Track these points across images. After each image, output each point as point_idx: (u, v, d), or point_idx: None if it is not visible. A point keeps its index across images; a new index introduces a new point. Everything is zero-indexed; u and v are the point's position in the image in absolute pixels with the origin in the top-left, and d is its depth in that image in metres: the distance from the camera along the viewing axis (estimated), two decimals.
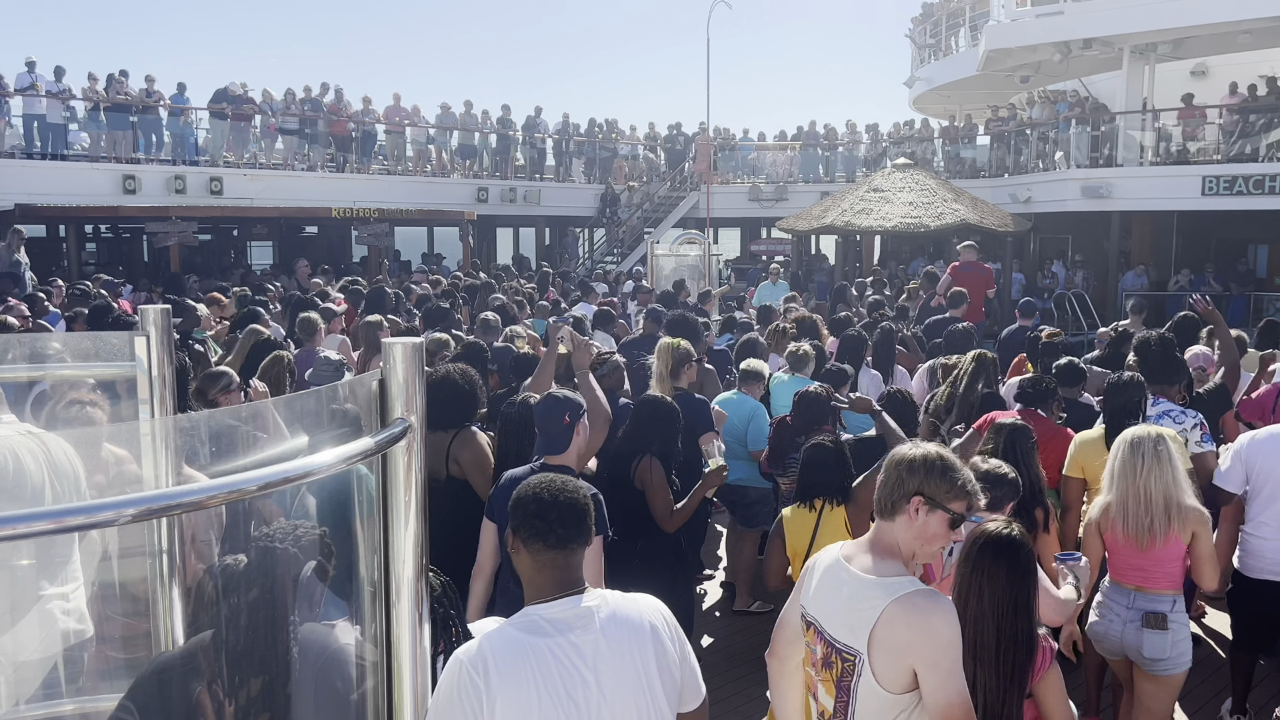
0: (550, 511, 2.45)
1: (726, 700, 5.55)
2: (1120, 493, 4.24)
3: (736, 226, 31.06)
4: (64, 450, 2.25)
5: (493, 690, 2.30)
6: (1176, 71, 22.49)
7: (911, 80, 31.45)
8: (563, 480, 2.56)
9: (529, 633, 2.40)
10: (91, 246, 23.20)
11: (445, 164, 25.08)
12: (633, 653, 2.44)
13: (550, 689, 2.35)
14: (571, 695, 2.36)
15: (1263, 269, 21.50)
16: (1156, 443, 4.23)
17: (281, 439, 1.48)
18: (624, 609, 2.50)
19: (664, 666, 2.48)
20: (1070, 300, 19.89)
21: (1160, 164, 20.50)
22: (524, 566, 2.50)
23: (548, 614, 2.43)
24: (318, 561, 1.67)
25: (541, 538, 2.45)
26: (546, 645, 2.38)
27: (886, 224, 19.23)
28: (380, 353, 1.58)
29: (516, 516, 2.49)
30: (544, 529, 2.45)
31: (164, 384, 2.26)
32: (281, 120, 21.89)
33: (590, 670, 2.39)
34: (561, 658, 2.38)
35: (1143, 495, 4.19)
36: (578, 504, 2.51)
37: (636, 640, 2.46)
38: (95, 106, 19.53)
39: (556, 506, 2.46)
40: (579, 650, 2.39)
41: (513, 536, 2.51)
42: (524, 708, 2.32)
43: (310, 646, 1.71)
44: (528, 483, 2.56)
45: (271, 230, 23.95)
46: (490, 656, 2.34)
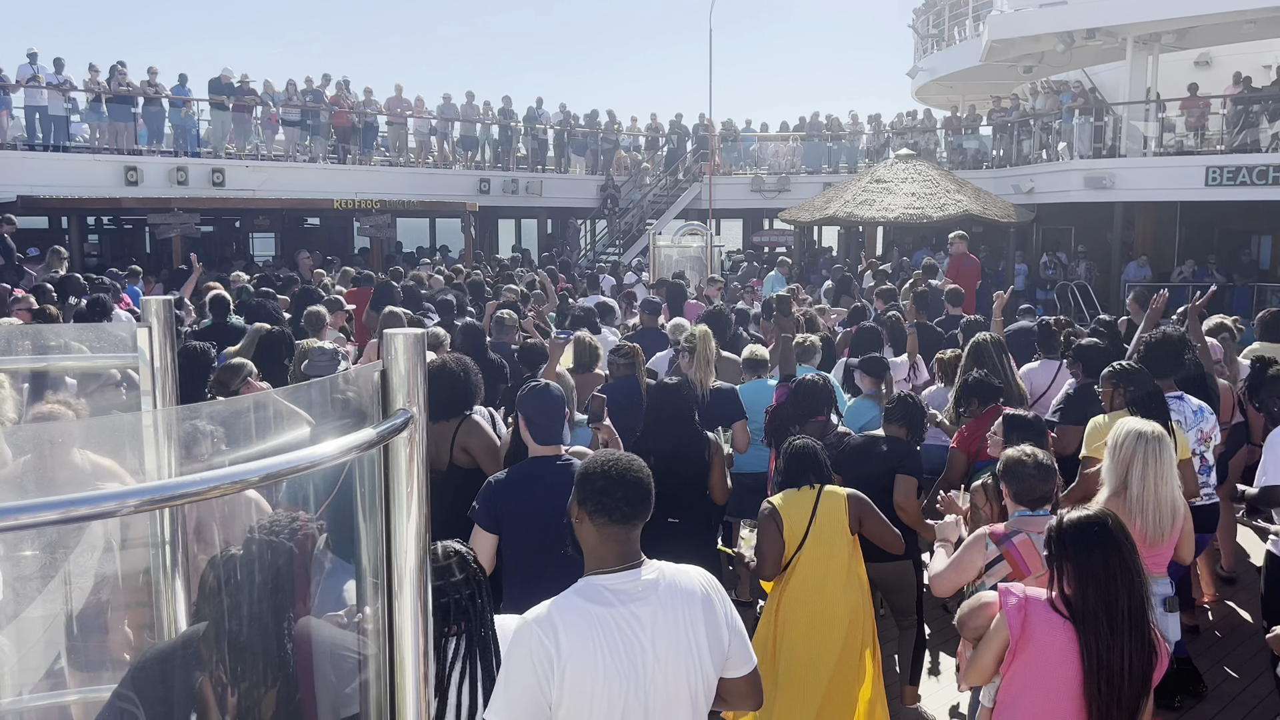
0: (617, 489, 2.57)
1: None
2: (1139, 497, 4.21)
3: (739, 218, 31.04)
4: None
5: (564, 655, 2.44)
6: (1180, 62, 22.43)
7: (914, 71, 31.37)
8: (628, 458, 2.67)
9: (594, 602, 2.54)
10: (94, 238, 23.21)
11: (447, 155, 25.08)
12: (685, 622, 2.58)
13: (614, 656, 2.48)
14: (632, 662, 2.50)
15: (1266, 260, 21.47)
16: (1161, 441, 4.25)
17: (296, 426, 1.48)
18: (679, 580, 2.63)
19: (713, 634, 2.62)
20: (1073, 291, 19.88)
21: (1163, 155, 20.46)
22: (587, 537, 2.63)
23: (610, 584, 2.56)
24: (322, 550, 1.67)
25: (607, 513, 2.57)
26: (611, 615, 2.52)
27: (889, 215, 19.21)
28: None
29: (583, 491, 2.61)
30: (610, 505, 2.56)
31: (166, 375, 2.26)
32: (283, 111, 21.88)
33: (649, 639, 2.52)
34: (624, 626, 2.51)
35: (1164, 501, 4.22)
36: (642, 482, 2.63)
37: (689, 610, 2.59)
38: (96, 98, 19.53)
39: (624, 484, 2.58)
40: (639, 620, 2.53)
41: (577, 508, 2.62)
42: (590, 673, 2.46)
43: (314, 636, 1.72)
44: (596, 459, 2.67)
45: (274, 222, 23.96)
46: (560, 623, 2.48)
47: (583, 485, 2.62)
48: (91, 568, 1.97)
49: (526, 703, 2.47)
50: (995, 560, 3.89)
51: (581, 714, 2.48)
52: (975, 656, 3.35)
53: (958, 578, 4.02)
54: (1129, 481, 4.24)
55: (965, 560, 3.99)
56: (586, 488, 2.61)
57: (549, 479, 4.09)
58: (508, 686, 2.50)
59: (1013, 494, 4.03)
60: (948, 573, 4.06)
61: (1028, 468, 3.99)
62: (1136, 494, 4.22)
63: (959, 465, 5.92)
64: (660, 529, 5.00)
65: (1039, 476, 4.00)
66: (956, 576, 4.02)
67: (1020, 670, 3.17)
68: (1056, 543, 3.17)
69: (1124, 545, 3.12)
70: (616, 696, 2.49)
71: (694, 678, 2.60)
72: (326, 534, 1.68)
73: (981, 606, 3.45)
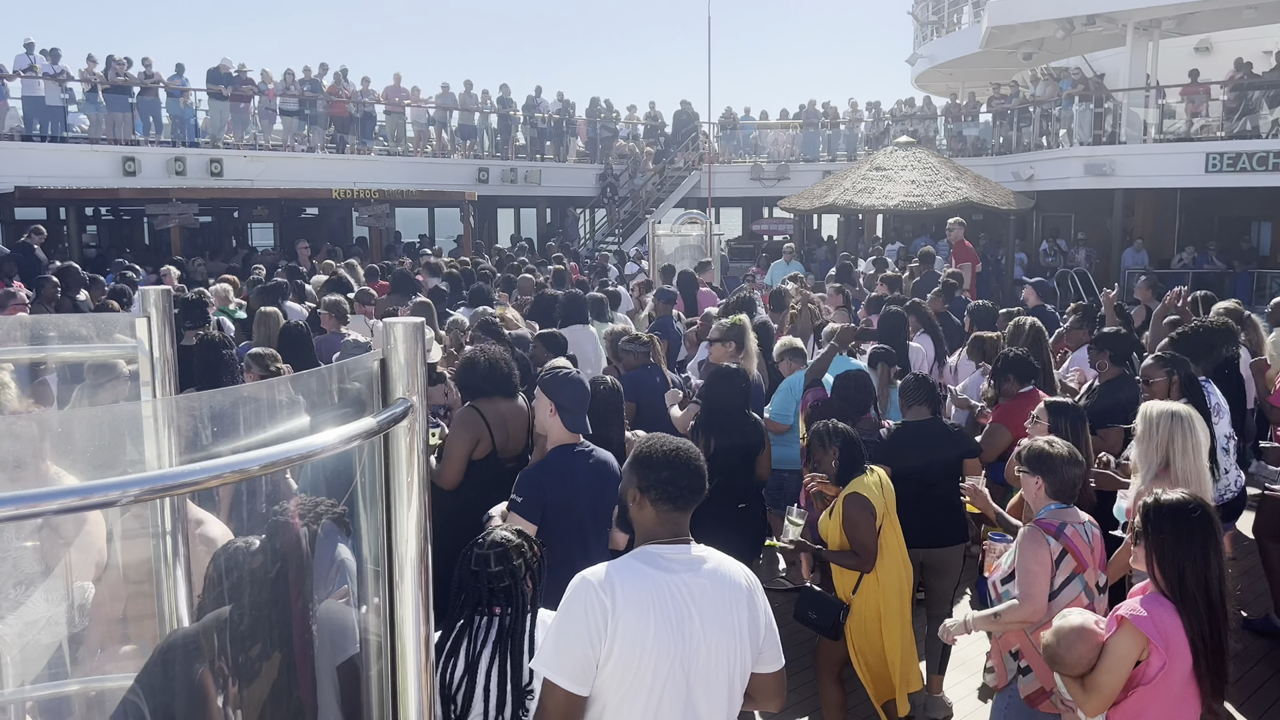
0: (682, 478, 2.70)
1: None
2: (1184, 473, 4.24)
3: (738, 206, 30.98)
4: None
5: (618, 610, 2.53)
6: (1180, 48, 22.36)
7: (914, 58, 31.27)
8: (687, 446, 2.79)
9: (650, 566, 2.64)
10: (92, 229, 23.16)
11: (445, 144, 25.01)
12: (731, 605, 2.68)
13: (665, 618, 2.57)
14: (680, 628, 2.59)
15: (1266, 246, 21.45)
16: (1194, 418, 4.36)
17: (296, 415, 1.48)
18: (726, 565, 2.75)
19: (753, 625, 2.73)
20: (1072, 278, 19.86)
21: (1164, 141, 20.41)
22: (645, 519, 2.74)
23: (665, 553, 2.68)
24: (335, 537, 1.68)
25: (672, 501, 2.70)
26: (665, 580, 2.62)
27: (889, 203, 19.17)
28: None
29: (648, 478, 2.70)
30: (675, 494, 2.70)
31: (165, 365, 2.26)
32: (281, 101, 21.82)
33: (697, 610, 2.62)
34: (676, 592, 2.61)
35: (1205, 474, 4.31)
36: (702, 469, 2.77)
37: (734, 595, 2.70)
38: (93, 88, 19.46)
39: (688, 472, 2.72)
40: (690, 590, 2.63)
41: (639, 493, 2.71)
42: (641, 630, 2.55)
43: (320, 626, 1.72)
44: (656, 447, 2.75)
45: (272, 212, 23.92)
46: (617, 580, 2.58)
47: (646, 473, 2.71)
48: (93, 558, 1.97)
49: (575, 655, 2.53)
50: (1061, 555, 3.81)
51: (628, 672, 2.55)
52: (1098, 683, 3.22)
53: (1045, 582, 3.79)
54: (1171, 459, 4.27)
55: (1042, 559, 3.80)
56: (651, 476, 2.70)
57: (582, 468, 4.17)
58: (559, 638, 2.57)
59: (1050, 489, 3.93)
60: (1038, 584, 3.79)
61: (1065, 460, 3.93)
62: (1181, 471, 4.24)
63: (1002, 440, 5.80)
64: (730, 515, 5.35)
65: (1077, 472, 3.97)
66: (1044, 581, 3.79)
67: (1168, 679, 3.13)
68: (1154, 526, 3.19)
69: (1218, 528, 3.21)
70: (663, 660, 2.56)
71: (734, 660, 2.68)
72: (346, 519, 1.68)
73: (1082, 634, 3.29)
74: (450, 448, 5.05)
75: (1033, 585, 3.77)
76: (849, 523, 4.65)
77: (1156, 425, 4.32)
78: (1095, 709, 3.28)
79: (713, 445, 5.34)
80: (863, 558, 4.63)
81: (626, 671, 2.55)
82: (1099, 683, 3.23)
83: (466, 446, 5.02)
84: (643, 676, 2.55)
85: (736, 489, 5.46)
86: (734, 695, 2.72)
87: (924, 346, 8.29)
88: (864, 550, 4.62)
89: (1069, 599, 3.78)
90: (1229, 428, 5.65)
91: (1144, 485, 4.29)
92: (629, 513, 2.79)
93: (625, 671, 2.54)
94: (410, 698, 1.59)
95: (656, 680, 2.56)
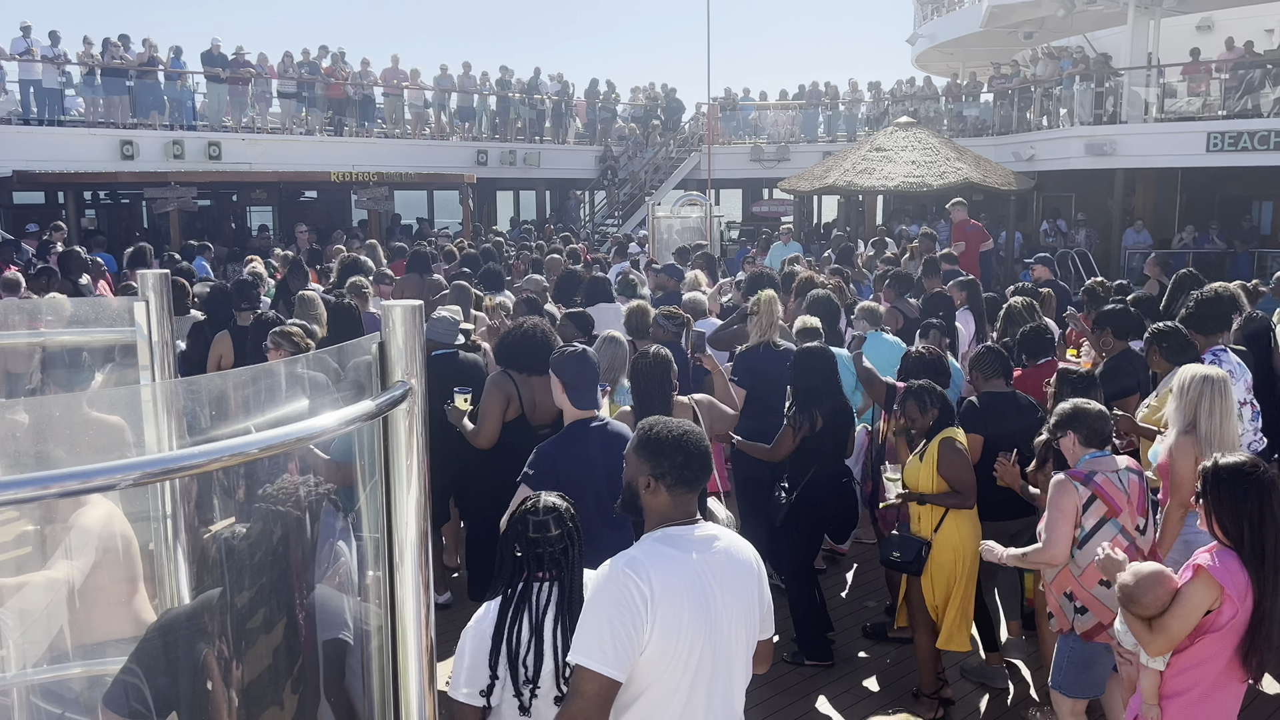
0: (695, 462, 2.77)
1: None
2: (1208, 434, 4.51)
3: (738, 188, 30.90)
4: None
5: (656, 596, 2.58)
6: (1182, 26, 22.25)
7: (914, 38, 31.12)
8: (696, 431, 2.85)
9: (674, 548, 2.71)
10: (91, 213, 23.11)
11: (444, 127, 24.92)
12: (744, 580, 2.80)
13: (695, 599, 2.65)
14: (708, 606, 2.67)
15: (1267, 226, 21.39)
16: (1225, 383, 4.61)
17: (295, 399, 1.48)
18: (736, 543, 2.85)
19: (760, 598, 2.86)
20: (1073, 258, 19.82)
21: (1165, 120, 20.34)
22: (660, 504, 2.78)
23: (683, 534, 2.75)
24: (333, 518, 1.68)
25: (688, 484, 2.76)
26: (690, 560, 2.70)
27: (889, 184, 19.11)
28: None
29: (662, 465, 2.74)
30: (691, 477, 2.76)
31: (164, 349, 2.26)
32: (279, 84, 21.73)
33: (720, 587, 2.71)
34: (702, 571, 2.69)
35: (1230, 437, 4.53)
36: (709, 452, 2.84)
37: (746, 571, 2.82)
38: (91, 71, 19.37)
39: (699, 456, 2.78)
40: (711, 568, 2.72)
41: (654, 480, 2.75)
42: (677, 613, 2.61)
43: (318, 607, 1.72)
44: (663, 432, 2.80)
45: (271, 195, 23.83)
46: (651, 567, 2.63)
47: (660, 459, 2.75)
48: (93, 541, 1.98)
49: (621, 643, 2.56)
50: (1089, 500, 4.15)
51: (665, 654, 2.61)
52: (1167, 626, 3.43)
53: (1067, 528, 4.15)
54: (1197, 420, 4.55)
55: (1066, 507, 4.15)
56: (665, 462, 2.74)
57: (596, 442, 4.24)
58: (600, 627, 2.58)
59: (1082, 438, 4.29)
60: (1058, 530, 4.15)
61: (1090, 412, 4.31)
62: (1205, 431, 4.52)
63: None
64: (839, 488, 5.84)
65: (1101, 418, 4.32)
66: (1066, 528, 4.15)
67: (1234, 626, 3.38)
68: (1212, 486, 3.41)
69: (1274, 490, 3.37)
70: (697, 640, 2.64)
71: (750, 630, 2.82)
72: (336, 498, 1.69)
73: (1158, 579, 3.51)
74: (484, 409, 5.43)
75: (1053, 529, 4.14)
76: (946, 464, 5.09)
77: (1188, 387, 4.61)
78: (1160, 649, 3.49)
79: (819, 422, 5.65)
80: (964, 494, 5.08)
81: (664, 654, 2.61)
82: (1169, 625, 3.44)
83: (500, 406, 5.41)
84: (678, 657, 2.62)
85: (840, 462, 5.89)
86: (748, 663, 2.85)
87: (964, 325, 8.51)
88: (965, 486, 5.08)
89: (1103, 541, 4.05)
90: (1244, 393, 5.81)
91: (1173, 441, 4.65)
92: (639, 499, 2.82)
93: (663, 654, 2.60)
94: (411, 678, 1.60)
95: (691, 659, 2.64)
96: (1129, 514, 4.18)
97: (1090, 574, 4.14)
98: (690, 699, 2.67)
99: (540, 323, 5.80)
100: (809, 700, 5.48)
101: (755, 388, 6.35)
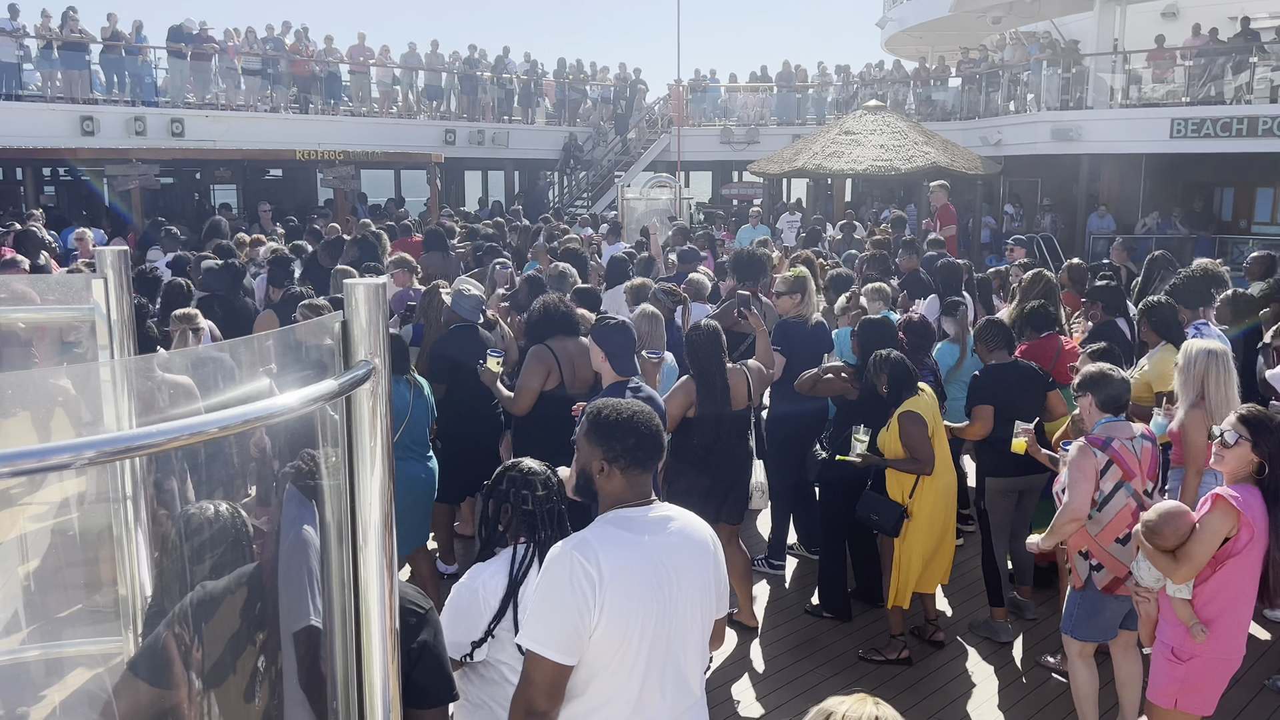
0: (647, 443, 2.75)
1: None
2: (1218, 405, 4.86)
3: (708, 170, 30.88)
4: None
5: (605, 579, 2.55)
6: (1147, 13, 22.42)
7: (884, 21, 31.18)
8: (646, 411, 2.82)
9: (627, 530, 2.69)
10: (50, 190, 22.70)
11: (411, 105, 24.69)
12: (699, 559, 2.78)
13: (647, 581, 2.63)
14: (661, 588, 2.66)
15: (1228, 212, 21.67)
16: (1228, 356, 4.97)
17: (256, 378, 1.45)
18: (691, 522, 2.84)
19: (716, 578, 2.85)
20: (1039, 243, 19.98)
21: (1129, 106, 20.52)
22: (614, 487, 2.76)
23: (636, 515, 2.74)
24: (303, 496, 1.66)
25: (640, 465, 2.75)
26: (643, 542, 2.68)
27: (857, 167, 19.17)
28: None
29: (614, 448, 2.73)
30: (644, 457, 2.75)
31: (123, 327, 2.22)
32: (244, 61, 21.41)
33: (674, 569, 2.70)
34: (655, 554, 2.68)
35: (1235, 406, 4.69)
36: (661, 431, 2.83)
37: (701, 550, 2.81)
38: (48, 45, 18.99)
39: (652, 437, 2.77)
40: (663, 549, 2.70)
41: (607, 464, 2.74)
42: (627, 597, 2.59)
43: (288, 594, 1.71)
44: (613, 415, 2.78)
45: (235, 173, 23.51)
46: (600, 549, 2.60)
47: (611, 442, 2.73)
48: (49, 523, 1.95)
49: (566, 627, 2.55)
50: (1106, 466, 4.42)
51: (615, 637, 2.59)
52: (1190, 552, 3.78)
53: (1088, 487, 4.40)
54: (1207, 391, 4.92)
55: (1086, 469, 4.40)
56: (617, 445, 2.73)
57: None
58: (547, 611, 2.58)
59: (1099, 402, 4.55)
60: (1079, 488, 4.39)
61: (1113, 379, 4.56)
62: (1215, 402, 4.87)
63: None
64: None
65: (1122, 386, 4.58)
66: (1087, 486, 4.40)
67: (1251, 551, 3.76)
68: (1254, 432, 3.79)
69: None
70: (648, 622, 2.62)
71: (706, 612, 2.81)
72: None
73: (1178, 514, 3.87)
74: (523, 379, 5.82)
75: (1074, 488, 4.40)
76: (905, 434, 5.42)
77: (1195, 360, 4.97)
78: (1185, 576, 3.82)
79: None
80: (923, 462, 5.40)
81: (614, 637, 2.58)
82: (1192, 552, 3.78)
83: (539, 379, 5.76)
84: (630, 639, 2.60)
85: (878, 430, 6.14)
86: (704, 644, 2.85)
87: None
88: (923, 456, 5.39)
89: (1118, 507, 4.43)
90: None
91: (1184, 414, 5.01)
92: (593, 483, 2.81)
93: (613, 637, 2.58)
94: (375, 662, 1.58)
95: (643, 642, 2.62)
96: (1140, 479, 4.46)
97: (1107, 533, 4.44)
98: (644, 681, 2.66)
99: (553, 296, 6.27)
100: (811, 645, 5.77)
101: (792, 358, 6.57)
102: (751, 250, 9.14)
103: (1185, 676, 3.92)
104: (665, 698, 2.70)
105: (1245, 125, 18.28)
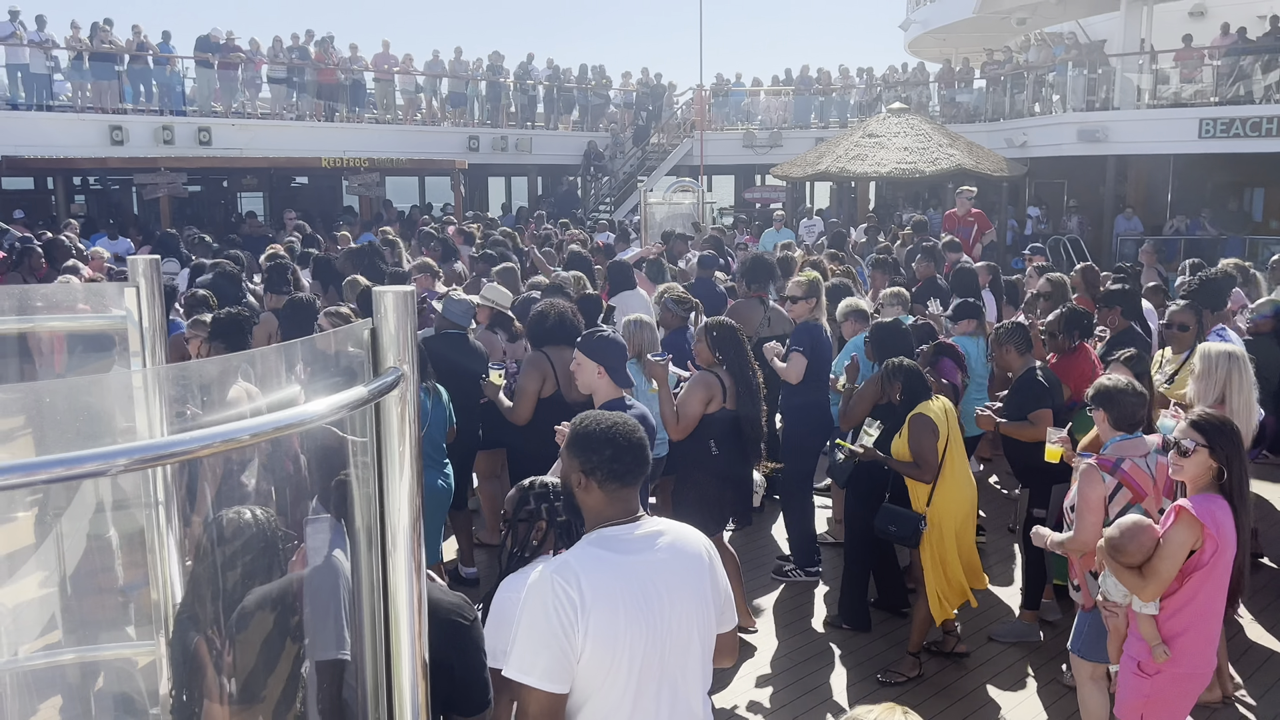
0: (626, 455, 2.64)
1: None
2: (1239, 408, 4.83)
3: (730, 174, 30.84)
4: None
5: (587, 603, 2.46)
6: (1174, 12, 22.22)
7: (907, 23, 31.06)
8: (625, 420, 2.72)
9: (609, 550, 2.59)
10: (80, 199, 22.99)
11: (435, 112, 24.82)
12: (693, 574, 2.67)
13: (633, 601, 2.53)
14: (650, 608, 2.55)
15: (1259, 212, 21.42)
16: (1246, 359, 4.94)
17: (287, 385, 1.47)
18: (683, 536, 2.72)
19: (715, 590, 2.73)
20: (1065, 245, 19.84)
21: (1157, 107, 20.33)
22: (594, 502, 2.67)
23: (621, 534, 2.63)
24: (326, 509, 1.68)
25: (620, 478, 2.64)
26: (628, 562, 2.58)
27: (881, 170, 19.10)
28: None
29: (591, 460, 2.64)
30: (622, 471, 2.63)
31: (155, 334, 2.25)
32: (269, 69, 21.60)
33: (664, 586, 2.59)
34: (641, 573, 2.57)
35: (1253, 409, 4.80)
36: (644, 443, 2.71)
37: (696, 565, 2.69)
38: (79, 56, 19.24)
39: (631, 450, 2.65)
40: (651, 567, 2.59)
41: (584, 477, 2.65)
42: (612, 619, 2.49)
43: (313, 592, 1.72)
44: (592, 426, 2.69)
45: (262, 181, 23.75)
46: (581, 572, 2.50)
47: (588, 454, 2.64)
48: (84, 528, 1.97)
49: (553, 655, 2.45)
50: (1115, 490, 4.25)
51: (604, 660, 2.49)
52: (1156, 569, 3.66)
53: (1096, 518, 4.21)
54: (1228, 395, 4.87)
55: (1093, 498, 4.23)
56: (593, 457, 2.63)
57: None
58: (531, 640, 2.47)
59: (1112, 419, 4.37)
60: (1085, 520, 4.23)
61: (1127, 393, 4.35)
62: (1236, 405, 4.84)
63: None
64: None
65: (1137, 401, 4.37)
66: (1094, 518, 4.21)
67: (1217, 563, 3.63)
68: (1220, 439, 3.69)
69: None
70: (637, 642, 2.52)
71: (703, 628, 2.69)
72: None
73: (1141, 529, 3.73)
74: (521, 387, 5.82)
75: (1082, 518, 4.25)
76: (913, 438, 5.33)
77: (1216, 364, 4.92)
78: (1152, 594, 3.69)
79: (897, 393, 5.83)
80: (923, 469, 5.30)
81: (602, 660, 2.50)
82: (1158, 568, 3.65)
83: (536, 385, 5.78)
84: (619, 662, 2.51)
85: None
86: (706, 661, 2.74)
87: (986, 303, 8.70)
88: (925, 463, 5.30)
89: None
90: None
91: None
92: (575, 498, 2.74)
93: (601, 661, 2.50)
94: (404, 670, 1.59)
95: (634, 663, 2.53)
96: (1155, 498, 4.29)
97: None
98: (636, 703, 2.56)
99: (560, 301, 6.25)
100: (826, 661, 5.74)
101: (813, 359, 6.57)
102: (760, 255, 9.17)
103: (1151, 692, 3.79)
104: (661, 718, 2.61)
105: (1275, 125, 18.06)
